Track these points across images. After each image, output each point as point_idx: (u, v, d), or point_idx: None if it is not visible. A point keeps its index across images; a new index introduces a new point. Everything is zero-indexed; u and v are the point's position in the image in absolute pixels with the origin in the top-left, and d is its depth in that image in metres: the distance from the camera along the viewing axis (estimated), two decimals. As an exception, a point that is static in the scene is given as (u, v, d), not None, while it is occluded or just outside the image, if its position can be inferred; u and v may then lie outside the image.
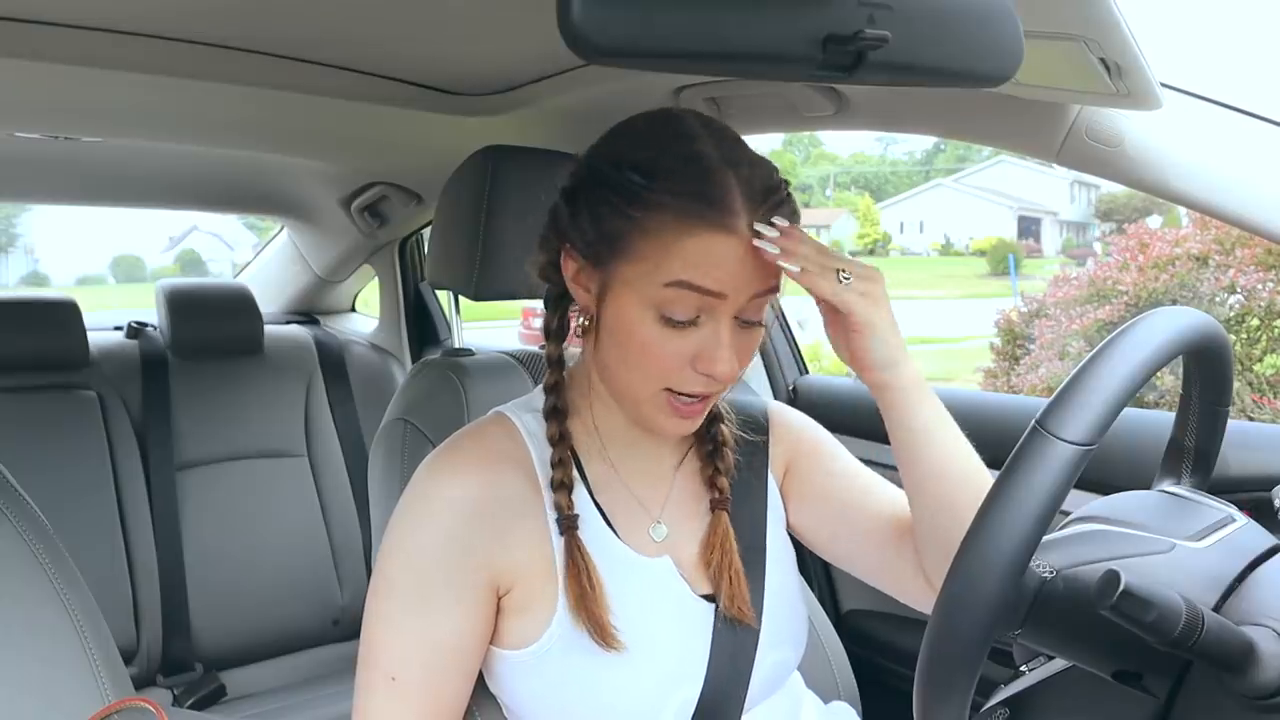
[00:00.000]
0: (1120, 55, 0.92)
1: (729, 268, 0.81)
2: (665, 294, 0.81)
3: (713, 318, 0.83)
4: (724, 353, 0.83)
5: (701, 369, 0.84)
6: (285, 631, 2.19)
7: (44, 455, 1.98)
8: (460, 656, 0.88)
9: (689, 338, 0.83)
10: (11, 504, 1.01)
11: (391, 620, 0.87)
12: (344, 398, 2.42)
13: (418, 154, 1.87)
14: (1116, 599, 0.66)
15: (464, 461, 0.90)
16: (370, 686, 0.87)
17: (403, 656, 0.86)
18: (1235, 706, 0.72)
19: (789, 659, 0.99)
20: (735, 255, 0.81)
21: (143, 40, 1.15)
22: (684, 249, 0.80)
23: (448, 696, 0.88)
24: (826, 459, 1.04)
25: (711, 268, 0.81)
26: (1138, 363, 0.74)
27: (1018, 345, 5.03)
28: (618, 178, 0.83)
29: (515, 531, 0.89)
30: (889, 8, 0.66)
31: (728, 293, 0.82)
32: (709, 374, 0.84)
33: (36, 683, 0.95)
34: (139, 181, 2.19)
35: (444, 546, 0.87)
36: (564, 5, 0.57)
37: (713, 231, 0.80)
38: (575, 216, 0.86)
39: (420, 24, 1.17)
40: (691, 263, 0.81)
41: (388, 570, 0.88)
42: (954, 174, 29.79)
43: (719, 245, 0.81)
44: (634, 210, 0.82)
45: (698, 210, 0.80)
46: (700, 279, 0.81)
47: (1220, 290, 4.20)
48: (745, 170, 0.83)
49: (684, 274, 0.81)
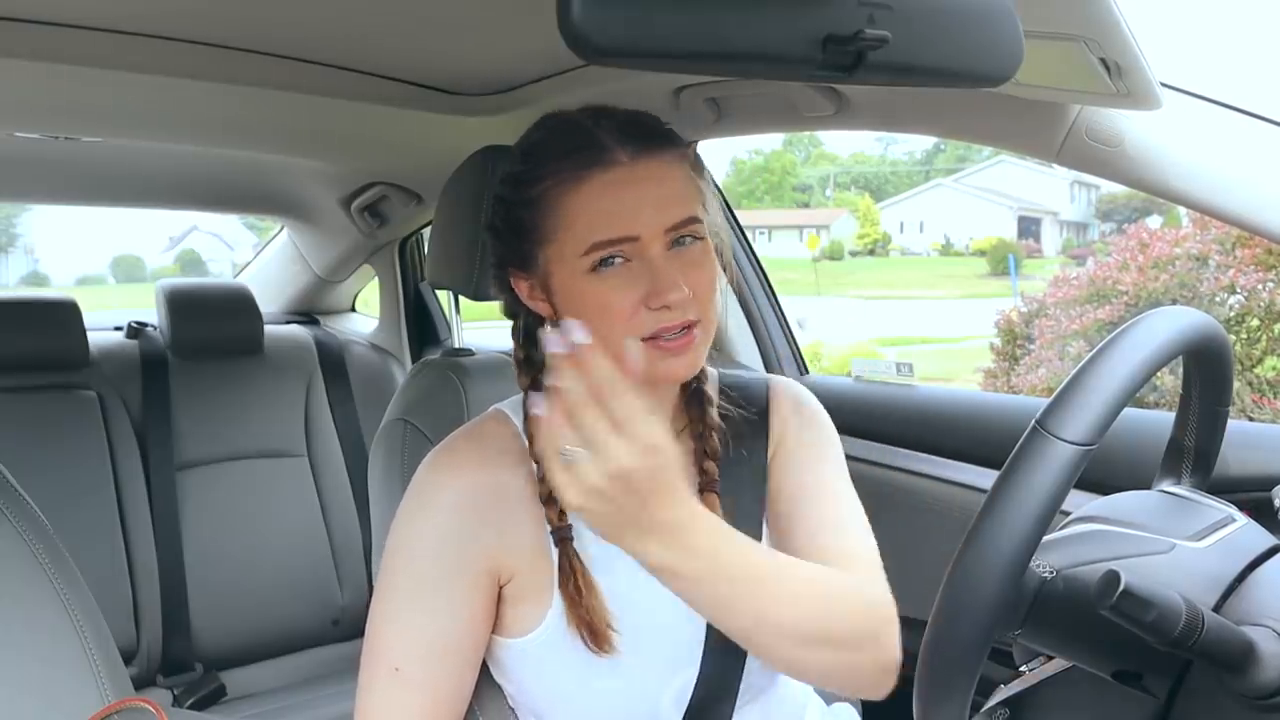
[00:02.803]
0: (1120, 55, 0.92)
1: (627, 203, 0.84)
2: (587, 261, 0.84)
3: (640, 255, 0.85)
4: (665, 282, 0.84)
5: (655, 304, 0.84)
6: (285, 631, 2.19)
7: (44, 455, 1.98)
8: (463, 647, 0.89)
9: (630, 280, 0.84)
10: (11, 504, 1.01)
11: (395, 615, 0.88)
12: (344, 398, 2.42)
13: (418, 154, 1.87)
14: (1116, 599, 0.66)
15: (463, 458, 0.92)
16: (373, 681, 0.88)
17: (405, 649, 0.87)
18: (1235, 706, 0.72)
19: None
20: (625, 188, 0.84)
21: (143, 40, 1.15)
22: (578, 208, 0.84)
23: (451, 687, 0.89)
24: (812, 461, 0.99)
25: (609, 214, 0.84)
26: (1138, 363, 0.74)
27: (1018, 345, 5.03)
28: (510, 179, 0.90)
29: (513, 525, 0.90)
30: (889, 8, 0.66)
31: (637, 233, 0.84)
32: (664, 305, 0.84)
33: (36, 683, 0.95)
34: (139, 181, 2.19)
35: (444, 541, 0.89)
36: (564, 5, 0.57)
37: (592, 174, 0.84)
38: (502, 239, 0.92)
39: (420, 24, 1.17)
40: (590, 220, 0.84)
41: (391, 568, 0.90)
42: (954, 174, 29.76)
43: (604, 188, 0.84)
44: (527, 193, 0.87)
45: (571, 161, 0.85)
46: (605, 232, 0.84)
47: (1220, 290, 4.20)
48: (610, 116, 0.88)
49: (591, 236, 0.84)
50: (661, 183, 0.86)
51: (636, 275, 0.84)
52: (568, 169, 0.85)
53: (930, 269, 22.66)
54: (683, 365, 0.88)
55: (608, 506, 0.72)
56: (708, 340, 0.89)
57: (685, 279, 0.85)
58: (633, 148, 0.85)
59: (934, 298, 17.17)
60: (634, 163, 0.85)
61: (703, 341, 0.88)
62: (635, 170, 0.85)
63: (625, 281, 0.84)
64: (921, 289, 18.84)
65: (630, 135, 0.86)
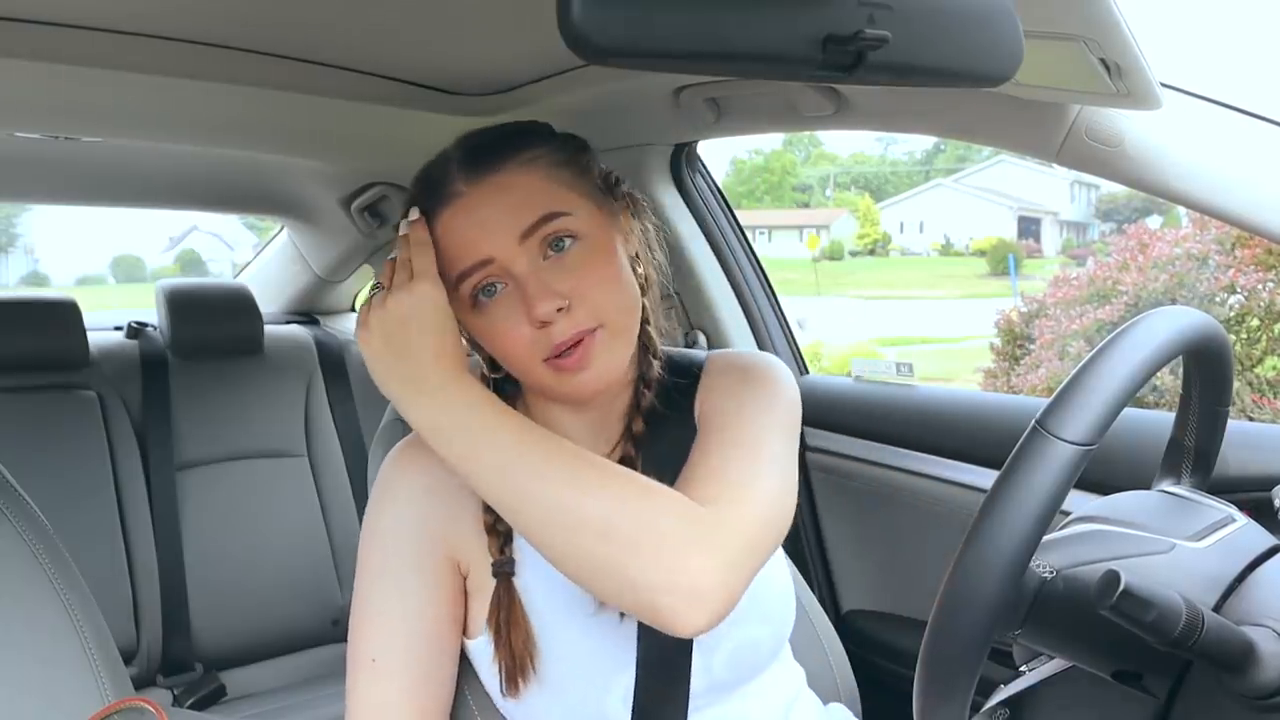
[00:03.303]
0: (1120, 55, 0.92)
1: (473, 227, 0.84)
2: (463, 296, 0.85)
3: (508, 275, 0.84)
4: (529, 297, 0.83)
5: (535, 323, 0.83)
6: (285, 631, 2.19)
7: (44, 455, 1.98)
8: (438, 634, 0.90)
9: (507, 307, 0.84)
10: (11, 504, 1.01)
11: (369, 605, 0.89)
12: (344, 398, 2.42)
13: (418, 154, 1.85)
14: (1116, 599, 0.66)
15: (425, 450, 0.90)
16: (355, 675, 0.88)
17: (381, 641, 0.88)
18: (1235, 706, 0.72)
19: (760, 636, 0.94)
20: (470, 213, 0.85)
21: (143, 40, 1.15)
22: (439, 244, 0.85)
23: (430, 676, 0.89)
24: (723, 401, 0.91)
25: (460, 244, 0.84)
26: (1138, 363, 0.74)
27: (1018, 345, 5.03)
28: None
29: (469, 518, 0.91)
30: (889, 8, 0.66)
31: (492, 254, 0.84)
32: (544, 321, 0.83)
33: (36, 683, 0.95)
34: (139, 181, 2.19)
35: (409, 527, 0.89)
36: (564, 5, 0.57)
37: (442, 210, 0.86)
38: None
39: (420, 24, 1.16)
40: (449, 254, 0.85)
41: (362, 562, 0.91)
42: (954, 174, 29.76)
43: (452, 218, 0.85)
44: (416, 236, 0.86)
45: (425, 204, 0.87)
46: (461, 262, 0.84)
47: (1220, 290, 4.20)
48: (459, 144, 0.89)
49: (452, 271, 0.84)
50: (504, 195, 0.85)
51: (510, 299, 0.84)
52: (428, 213, 0.87)
53: (930, 269, 22.66)
54: (588, 380, 0.84)
55: (380, 341, 0.80)
56: (618, 341, 0.86)
57: (563, 286, 0.83)
58: (467, 173, 0.86)
59: (934, 298, 17.17)
60: (471, 188, 0.85)
61: (608, 346, 0.85)
62: (473, 195, 0.85)
63: (507, 309, 0.84)
64: (921, 289, 18.84)
65: (467, 161, 0.87)
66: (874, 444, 1.63)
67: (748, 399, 0.90)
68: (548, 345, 0.83)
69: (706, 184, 1.85)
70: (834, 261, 24.27)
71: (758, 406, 0.89)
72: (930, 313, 14.17)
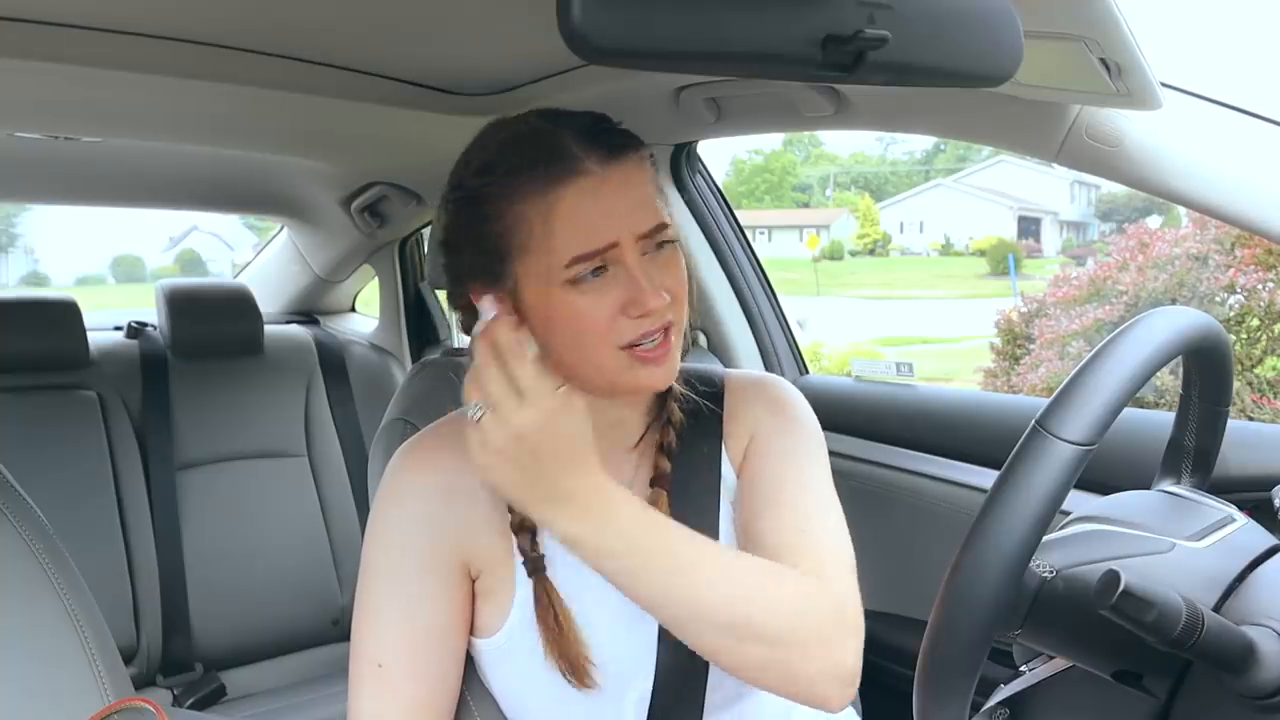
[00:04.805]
0: (1120, 55, 0.92)
1: (602, 212, 0.83)
2: (567, 273, 0.83)
3: (617, 263, 0.84)
4: (644, 289, 0.83)
5: (634, 314, 0.83)
6: (285, 631, 2.19)
7: (44, 455, 1.98)
8: (444, 639, 0.89)
9: (608, 290, 0.83)
10: (11, 504, 1.01)
11: (374, 608, 0.89)
12: (344, 398, 2.42)
13: (418, 154, 1.86)
14: (1116, 599, 0.66)
15: (432, 451, 0.92)
16: (358, 679, 0.88)
17: (387, 644, 0.87)
18: (1235, 706, 0.72)
19: None
20: (599, 197, 0.83)
21: (142, 40, 1.15)
22: (553, 222, 0.82)
23: (435, 681, 0.89)
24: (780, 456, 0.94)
25: (586, 226, 0.82)
26: (1138, 363, 0.74)
27: (1018, 345, 5.03)
28: (467, 194, 0.87)
29: (480, 519, 0.90)
30: (889, 8, 0.66)
31: (616, 238, 0.83)
32: (643, 314, 0.83)
33: (36, 683, 0.95)
34: (139, 181, 2.19)
35: (416, 529, 0.89)
36: (564, 5, 0.57)
37: (565, 185, 0.82)
38: (460, 255, 0.89)
39: (420, 24, 1.17)
40: (568, 233, 0.82)
41: (366, 563, 0.90)
42: (954, 174, 29.74)
43: (578, 197, 0.82)
44: (494, 208, 0.84)
45: (541, 173, 0.83)
46: (585, 245, 0.82)
47: (1220, 290, 4.20)
48: (571, 121, 0.86)
49: (570, 250, 0.82)
50: (632, 189, 0.85)
51: (613, 284, 0.84)
52: (538, 182, 0.82)
53: (930, 269, 22.66)
54: (662, 374, 0.87)
55: (510, 467, 0.77)
56: (679, 344, 0.89)
57: (663, 284, 0.84)
58: (601, 154, 0.83)
59: (934, 298, 17.16)
60: (604, 170, 0.83)
61: (678, 346, 0.88)
62: (607, 178, 0.83)
63: (603, 291, 0.83)
64: (921, 289, 18.84)
65: (597, 141, 0.84)
66: (874, 444, 1.63)
67: (790, 443, 0.94)
68: (632, 333, 0.84)
69: (706, 184, 1.85)
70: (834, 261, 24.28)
71: (806, 450, 0.94)
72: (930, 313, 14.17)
